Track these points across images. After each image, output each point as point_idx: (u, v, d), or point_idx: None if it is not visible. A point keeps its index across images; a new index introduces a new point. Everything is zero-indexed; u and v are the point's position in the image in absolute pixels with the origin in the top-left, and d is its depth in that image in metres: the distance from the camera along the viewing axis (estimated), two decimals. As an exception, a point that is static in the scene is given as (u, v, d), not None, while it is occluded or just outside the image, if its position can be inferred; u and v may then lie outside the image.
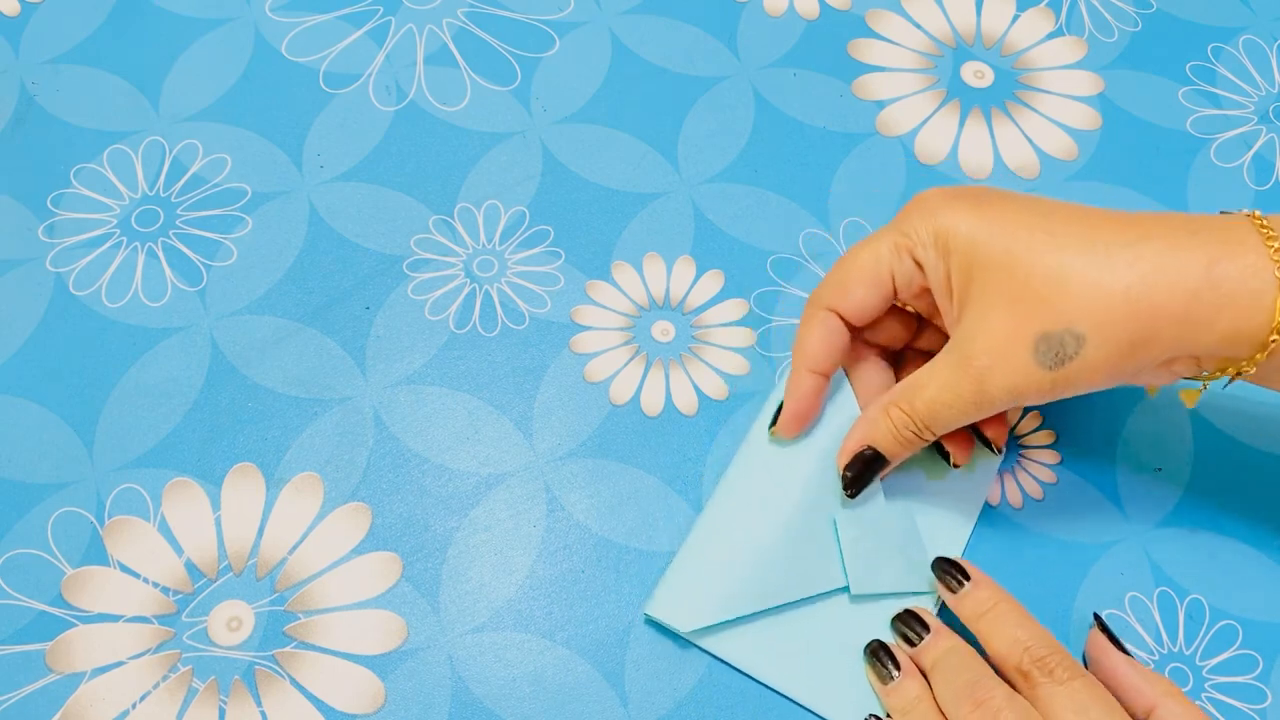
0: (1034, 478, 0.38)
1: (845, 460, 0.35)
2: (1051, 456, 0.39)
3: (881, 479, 0.36)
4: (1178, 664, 0.35)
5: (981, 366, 0.31)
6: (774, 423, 0.37)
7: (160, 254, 0.41)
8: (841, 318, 0.35)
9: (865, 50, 0.48)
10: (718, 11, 0.48)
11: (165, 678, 0.33)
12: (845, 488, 0.35)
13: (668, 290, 0.41)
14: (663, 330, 0.40)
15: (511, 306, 0.40)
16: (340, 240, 0.41)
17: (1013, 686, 0.31)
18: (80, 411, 0.37)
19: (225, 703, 0.33)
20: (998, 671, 0.32)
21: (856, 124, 0.45)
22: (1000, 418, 0.37)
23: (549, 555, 0.36)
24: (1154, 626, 0.36)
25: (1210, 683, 0.35)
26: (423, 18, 0.47)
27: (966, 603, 0.33)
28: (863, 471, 0.35)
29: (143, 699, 0.33)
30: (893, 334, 0.38)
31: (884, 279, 0.34)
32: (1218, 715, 0.35)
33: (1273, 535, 0.38)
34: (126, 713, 0.33)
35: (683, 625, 0.34)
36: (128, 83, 0.44)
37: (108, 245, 0.41)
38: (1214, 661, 0.35)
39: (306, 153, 0.43)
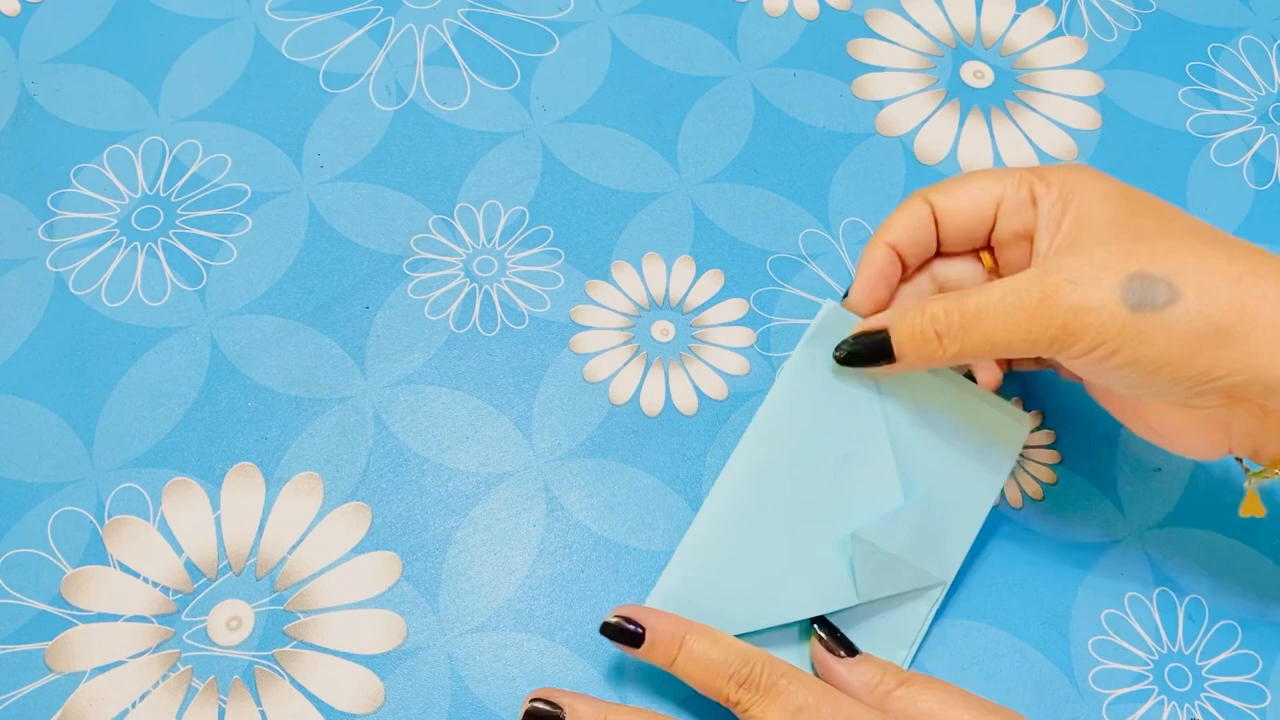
0: (1034, 477, 0.38)
1: (856, 330, 0.34)
2: (1051, 456, 0.39)
3: (877, 373, 0.34)
4: (1177, 664, 0.35)
5: (1060, 280, 0.29)
6: (845, 296, 0.36)
7: (160, 254, 0.41)
8: (934, 214, 0.34)
9: (865, 50, 0.48)
10: (717, 11, 0.48)
11: (165, 677, 0.33)
12: (836, 356, 0.34)
13: (667, 290, 0.41)
14: (662, 330, 0.40)
15: (511, 306, 0.40)
16: (340, 240, 0.41)
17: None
18: (80, 411, 0.37)
19: (225, 702, 0.33)
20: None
21: (856, 124, 0.45)
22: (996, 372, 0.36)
23: (548, 555, 0.36)
24: (1154, 626, 0.36)
25: (1210, 683, 0.35)
26: (423, 17, 0.47)
27: (656, 654, 0.32)
28: (860, 352, 0.33)
29: (142, 698, 0.33)
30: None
31: (991, 198, 0.33)
32: (1217, 715, 0.35)
33: (1272, 535, 0.38)
34: (126, 712, 0.33)
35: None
36: (127, 82, 0.44)
37: (108, 245, 0.41)
38: (1213, 661, 0.35)
39: (306, 152, 0.43)
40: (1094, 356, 0.29)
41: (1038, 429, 0.39)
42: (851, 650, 0.33)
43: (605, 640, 0.34)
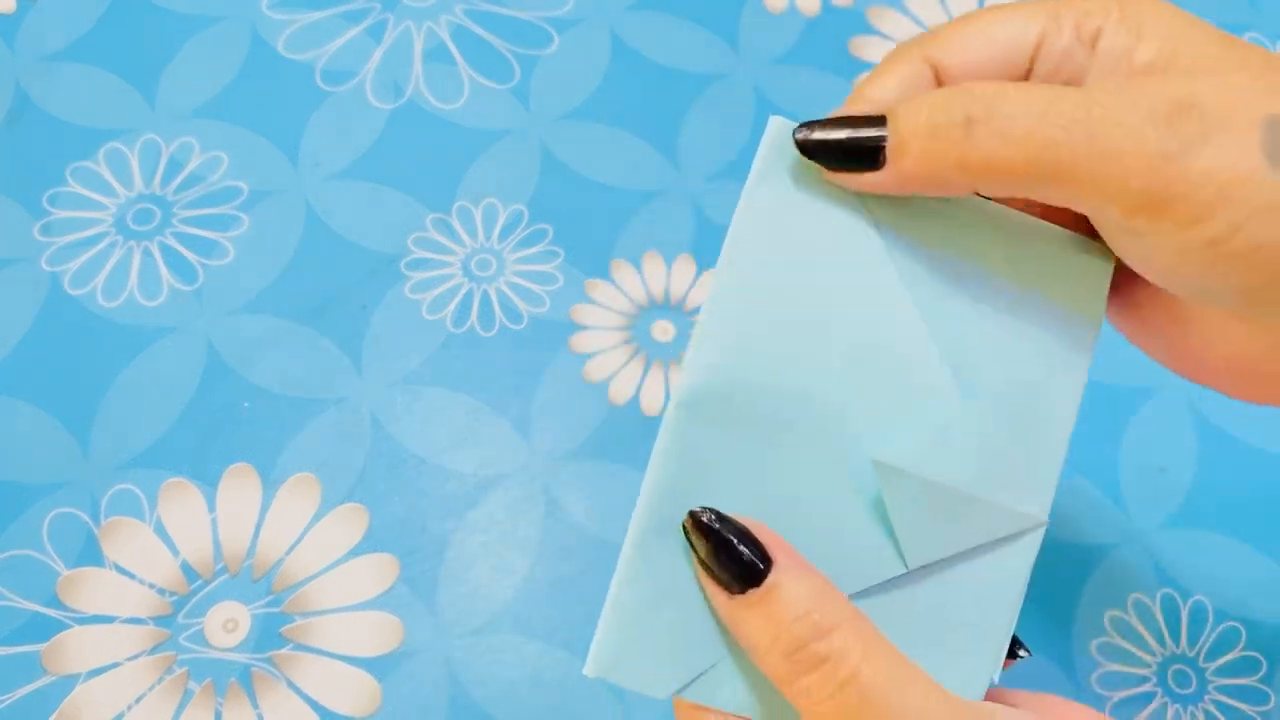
0: (1036, 478, 0.38)
1: (833, 113, 0.22)
2: (1054, 457, 0.39)
3: (860, 183, 0.22)
4: (1181, 666, 0.35)
5: (1182, 96, 0.19)
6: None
7: (156, 253, 0.40)
8: (936, 77, 0.23)
9: (867, 48, 0.47)
10: (718, 8, 0.48)
11: (161, 679, 0.33)
12: (797, 139, 0.22)
13: (667, 289, 0.41)
14: (662, 330, 0.40)
15: (509, 306, 0.40)
16: (337, 239, 0.41)
17: None
18: (75, 411, 0.37)
19: (221, 705, 0.33)
20: None
21: (857, 121, 0.45)
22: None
23: (547, 557, 0.36)
24: (1157, 629, 0.36)
25: (1214, 685, 0.35)
26: (420, 15, 0.47)
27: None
28: (836, 144, 0.22)
29: (138, 701, 0.33)
30: None
31: (1022, 44, 0.22)
32: (1221, 718, 0.34)
33: (1277, 537, 0.37)
34: (122, 714, 0.33)
35: (651, 688, 0.22)
36: (123, 80, 0.44)
37: (103, 244, 0.40)
38: (1217, 664, 0.35)
39: (303, 151, 0.43)
40: (1199, 233, 0.19)
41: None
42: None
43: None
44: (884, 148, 0.21)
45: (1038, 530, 0.23)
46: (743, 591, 0.21)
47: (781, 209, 0.22)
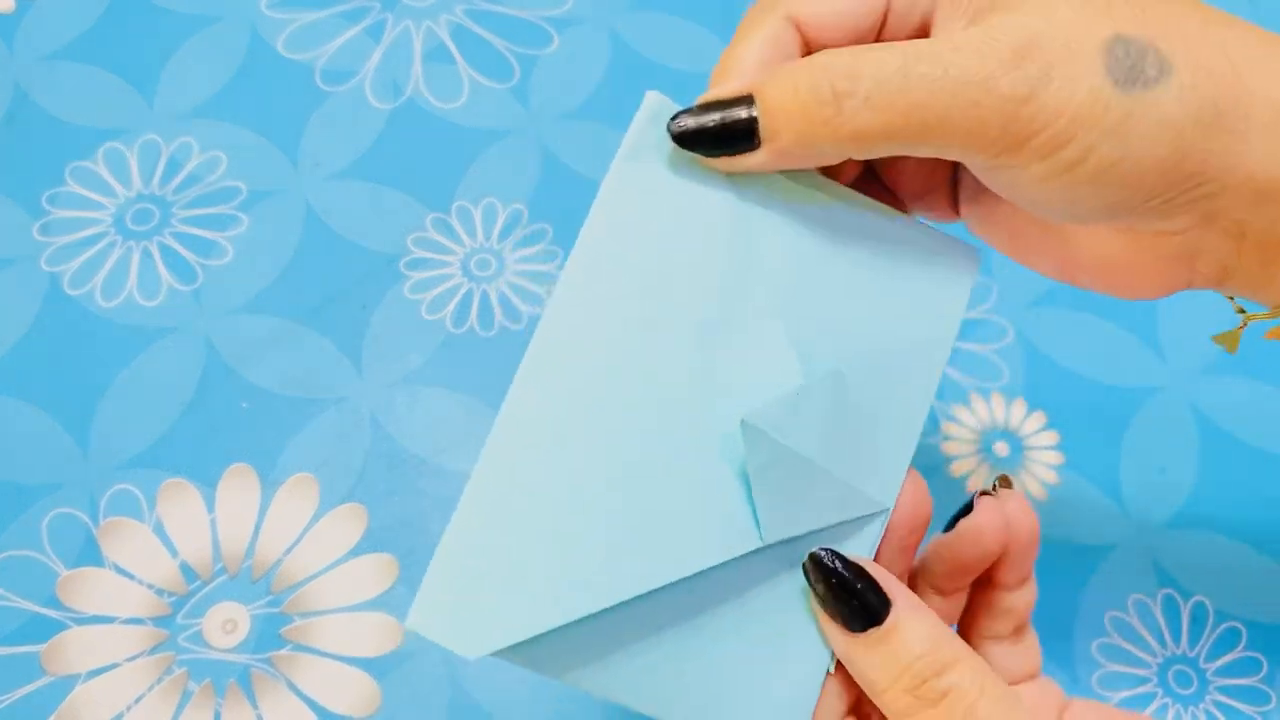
0: (1037, 478, 0.38)
1: (701, 99, 0.24)
2: (1055, 457, 0.39)
3: (735, 166, 0.23)
4: (1182, 667, 0.35)
5: (1024, 40, 0.20)
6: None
7: (155, 253, 0.40)
8: (802, 35, 0.24)
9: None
10: (718, 8, 0.48)
11: (160, 680, 0.33)
12: (670, 130, 0.24)
13: (667, 289, 0.41)
14: (662, 329, 0.40)
15: (509, 305, 0.40)
16: (336, 239, 0.41)
17: None
18: (74, 412, 0.37)
19: (221, 705, 0.33)
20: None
21: (858, 121, 0.45)
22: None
23: (547, 557, 0.36)
24: (1158, 629, 0.36)
25: (1215, 685, 0.35)
26: (420, 14, 0.46)
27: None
28: (709, 130, 0.23)
29: (137, 701, 0.33)
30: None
31: None
32: (1222, 719, 0.34)
33: (1277, 537, 0.37)
34: (121, 715, 0.32)
35: (467, 645, 0.20)
36: (123, 80, 0.44)
37: (102, 244, 0.40)
38: (1218, 664, 0.35)
39: (302, 151, 0.43)
40: (1058, 160, 0.21)
41: (1042, 429, 0.39)
42: (878, 610, 0.22)
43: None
44: (758, 130, 0.22)
45: (879, 518, 0.23)
46: (864, 630, 0.22)
47: (647, 186, 0.23)
